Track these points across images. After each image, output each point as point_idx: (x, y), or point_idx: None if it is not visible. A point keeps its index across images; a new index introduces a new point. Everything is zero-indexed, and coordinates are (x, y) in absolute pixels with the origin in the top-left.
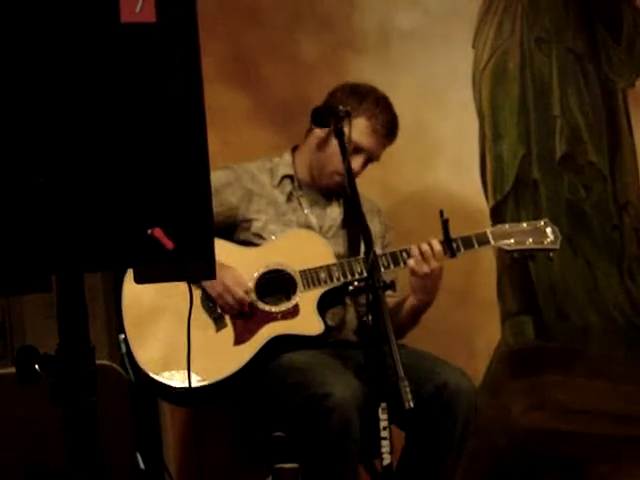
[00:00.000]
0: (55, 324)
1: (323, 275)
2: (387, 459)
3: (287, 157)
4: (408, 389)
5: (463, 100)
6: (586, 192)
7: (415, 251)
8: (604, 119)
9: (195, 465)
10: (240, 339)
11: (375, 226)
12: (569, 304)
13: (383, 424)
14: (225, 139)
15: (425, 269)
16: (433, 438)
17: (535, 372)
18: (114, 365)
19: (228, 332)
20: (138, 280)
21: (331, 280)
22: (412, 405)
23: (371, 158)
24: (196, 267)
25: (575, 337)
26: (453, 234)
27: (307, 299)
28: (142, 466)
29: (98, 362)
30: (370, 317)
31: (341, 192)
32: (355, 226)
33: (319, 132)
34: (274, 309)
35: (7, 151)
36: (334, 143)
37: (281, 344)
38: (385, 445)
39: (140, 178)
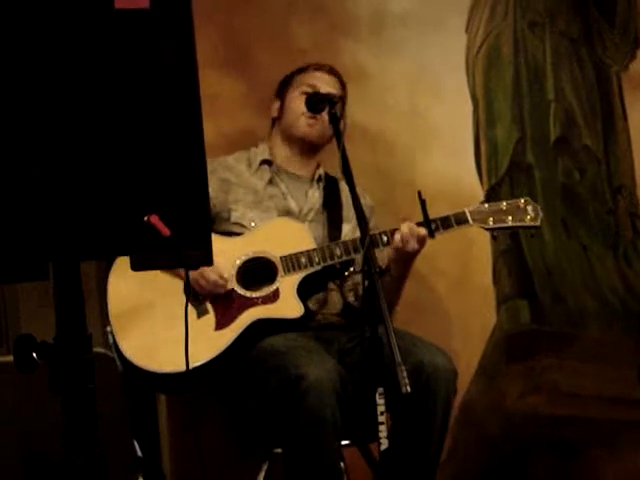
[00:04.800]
0: (50, 312)
1: (303, 260)
2: (384, 444)
3: (263, 145)
4: (405, 374)
5: (457, 85)
6: (580, 176)
7: (401, 233)
8: (598, 103)
9: (191, 452)
10: (221, 324)
11: None
12: (564, 288)
13: (380, 409)
14: (219, 126)
15: (409, 249)
16: (415, 418)
17: (531, 356)
18: (109, 353)
19: (209, 318)
20: (135, 267)
21: (311, 264)
22: (409, 390)
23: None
24: (193, 254)
25: (571, 321)
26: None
27: (287, 283)
28: (139, 453)
29: (94, 350)
30: (362, 301)
31: (318, 147)
32: (334, 210)
33: (274, 113)
34: (254, 294)
35: (2, 139)
36: (287, 101)
37: (263, 328)
38: (382, 430)
39: (136, 165)
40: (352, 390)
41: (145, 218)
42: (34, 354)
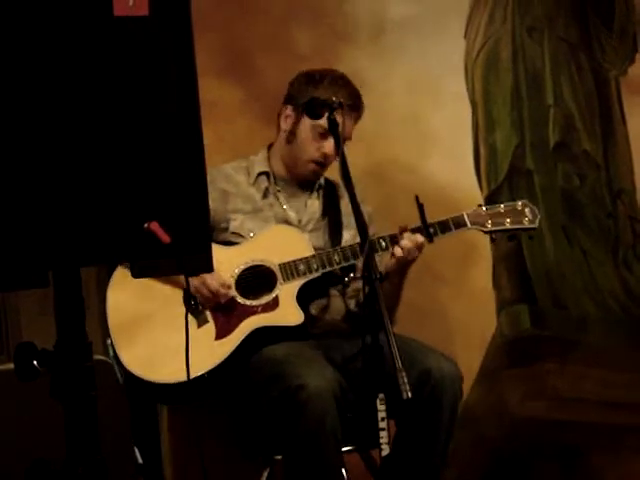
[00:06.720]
0: (50, 320)
1: (302, 267)
2: (386, 450)
3: (262, 154)
4: (406, 379)
5: (457, 90)
6: (580, 181)
7: (403, 245)
8: (597, 107)
9: (192, 459)
10: (221, 333)
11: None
12: (565, 293)
13: (381, 415)
14: (219, 132)
15: (410, 259)
16: (421, 425)
17: (531, 361)
18: (109, 360)
19: (209, 327)
20: (136, 274)
21: (310, 271)
22: (410, 395)
23: (344, 137)
24: (193, 260)
25: (571, 326)
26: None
27: (287, 291)
28: (140, 460)
29: (94, 357)
30: (362, 307)
31: (317, 181)
32: (334, 218)
33: (285, 125)
34: (254, 302)
35: (3, 147)
36: (302, 132)
37: (263, 336)
38: (383, 436)
39: (136, 172)
40: (353, 398)
41: (145, 225)
42: (35, 362)
